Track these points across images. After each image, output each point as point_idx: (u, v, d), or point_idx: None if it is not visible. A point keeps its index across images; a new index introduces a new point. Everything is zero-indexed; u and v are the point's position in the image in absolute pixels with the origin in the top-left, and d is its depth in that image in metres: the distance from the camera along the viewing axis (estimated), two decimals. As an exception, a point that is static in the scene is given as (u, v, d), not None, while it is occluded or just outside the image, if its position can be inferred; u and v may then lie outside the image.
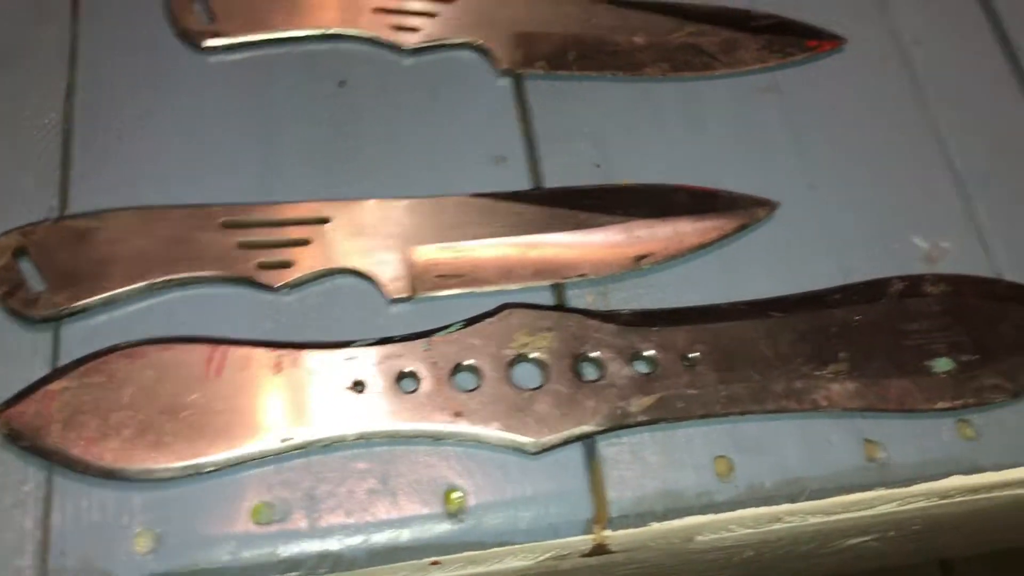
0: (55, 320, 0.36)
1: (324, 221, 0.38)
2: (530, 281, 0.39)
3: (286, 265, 0.37)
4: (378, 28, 0.44)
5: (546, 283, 0.39)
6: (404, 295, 0.38)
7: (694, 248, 0.40)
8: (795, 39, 0.46)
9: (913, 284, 0.41)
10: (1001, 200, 0.44)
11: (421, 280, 0.38)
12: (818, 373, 0.38)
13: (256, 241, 0.38)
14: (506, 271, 0.39)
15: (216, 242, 0.37)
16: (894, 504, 0.39)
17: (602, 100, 0.44)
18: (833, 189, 0.43)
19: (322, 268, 0.38)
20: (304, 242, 0.38)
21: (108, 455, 0.33)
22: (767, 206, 0.41)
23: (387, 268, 0.38)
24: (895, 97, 0.46)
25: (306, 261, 0.38)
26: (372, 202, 0.39)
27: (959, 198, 0.44)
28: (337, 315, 0.38)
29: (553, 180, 0.42)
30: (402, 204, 0.39)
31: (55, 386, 0.34)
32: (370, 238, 0.38)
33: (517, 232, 0.39)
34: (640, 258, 0.39)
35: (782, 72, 0.46)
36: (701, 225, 0.40)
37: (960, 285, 0.41)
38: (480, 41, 0.44)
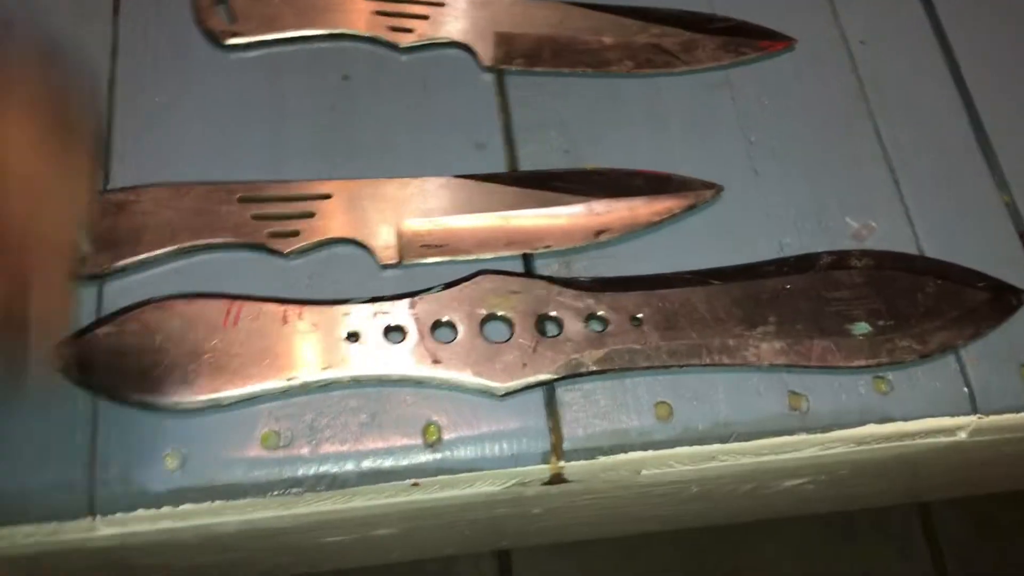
0: (99, 277, 0.42)
1: (327, 197, 0.44)
2: (503, 251, 0.44)
3: (294, 234, 0.43)
4: (378, 28, 0.49)
5: (516, 253, 0.45)
6: (393, 262, 0.44)
7: (647, 225, 0.46)
8: (749, 40, 0.51)
9: (840, 258, 0.46)
10: (925, 186, 0.49)
11: (408, 249, 0.44)
12: (749, 333, 0.43)
13: (268, 213, 0.43)
14: (482, 242, 0.44)
15: (234, 214, 0.43)
16: (816, 448, 0.44)
17: (573, 94, 0.49)
18: (776, 174, 0.48)
19: (324, 237, 0.43)
20: (309, 215, 0.44)
21: (143, 389, 0.39)
22: (714, 188, 0.47)
23: (379, 238, 0.44)
24: (838, 93, 0.51)
25: (311, 231, 0.43)
26: (368, 181, 0.45)
27: (890, 184, 0.49)
28: (337, 278, 0.43)
29: (527, 164, 0.47)
30: (394, 183, 0.45)
31: (100, 331, 0.40)
32: (365, 212, 0.44)
33: (493, 208, 0.45)
34: (599, 232, 0.45)
35: (736, 70, 0.51)
36: (654, 205, 0.46)
37: (882, 260, 0.46)
38: (466, 41, 0.49)
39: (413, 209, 0.44)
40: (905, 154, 0.50)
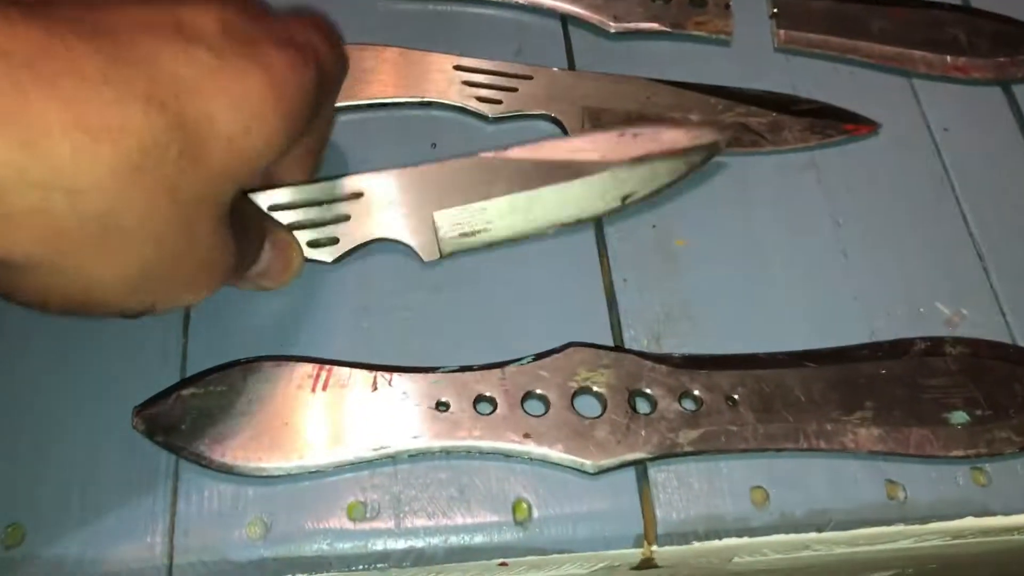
0: (183, 336, 0.42)
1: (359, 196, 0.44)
2: (538, 223, 0.45)
3: (334, 241, 0.44)
4: (466, 99, 0.49)
5: (550, 225, 0.45)
6: (436, 257, 0.44)
7: (672, 179, 0.47)
8: (834, 123, 0.51)
9: (934, 345, 0.45)
10: (1017, 273, 0.48)
11: (447, 242, 0.44)
12: (846, 418, 0.42)
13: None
14: (515, 221, 0.45)
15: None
16: (911, 540, 0.43)
17: (660, 169, 0.49)
18: (864, 257, 0.48)
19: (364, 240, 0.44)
20: (345, 218, 0.44)
21: (227, 453, 0.38)
22: (718, 136, 0.47)
23: (418, 235, 0.44)
24: (923, 178, 0.51)
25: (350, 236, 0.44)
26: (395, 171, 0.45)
27: (979, 270, 0.48)
28: (384, 283, 0.44)
29: (614, 237, 0.47)
30: (419, 170, 0.45)
31: (184, 392, 0.39)
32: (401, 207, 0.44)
33: (519, 187, 0.45)
34: (625, 198, 0.46)
35: (821, 152, 0.51)
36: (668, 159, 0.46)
37: (977, 348, 0.45)
38: (553, 114, 0.49)
39: (444, 200, 0.44)
40: (993, 241, 0.49)
